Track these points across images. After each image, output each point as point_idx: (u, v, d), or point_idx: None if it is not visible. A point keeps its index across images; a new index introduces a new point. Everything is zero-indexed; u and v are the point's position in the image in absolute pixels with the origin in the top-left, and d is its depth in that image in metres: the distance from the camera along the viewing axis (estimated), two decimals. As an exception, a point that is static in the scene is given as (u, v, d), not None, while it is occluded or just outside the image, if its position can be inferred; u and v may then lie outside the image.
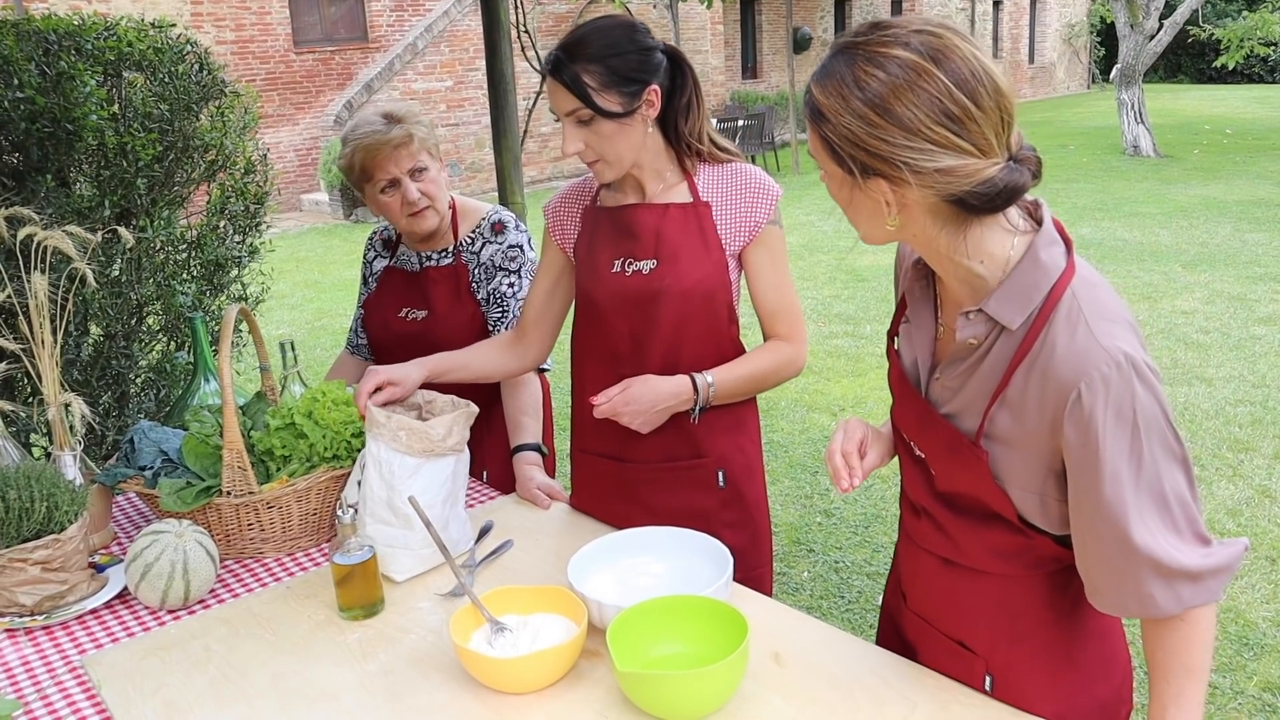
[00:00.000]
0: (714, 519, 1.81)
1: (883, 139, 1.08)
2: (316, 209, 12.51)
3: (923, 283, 1.32)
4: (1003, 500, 1.23)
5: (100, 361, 2.91)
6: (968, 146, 1.08)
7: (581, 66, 1.64)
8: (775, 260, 1.80)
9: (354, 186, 2.15)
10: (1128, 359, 1.09)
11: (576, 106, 1.65)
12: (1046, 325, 1.13)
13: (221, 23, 11.70)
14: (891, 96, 1.07)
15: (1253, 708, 2.73)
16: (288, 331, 7.04)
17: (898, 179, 1.10)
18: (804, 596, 3.41)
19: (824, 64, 1.15)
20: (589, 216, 1.86)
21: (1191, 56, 26.42)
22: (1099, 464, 1.11)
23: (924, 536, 1.38)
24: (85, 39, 2.69)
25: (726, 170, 1.80)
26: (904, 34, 1.09)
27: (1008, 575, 1.30)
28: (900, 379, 1.34)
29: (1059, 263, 1.15)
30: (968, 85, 1.07)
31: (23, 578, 1.58)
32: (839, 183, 1.18)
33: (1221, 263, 7.69)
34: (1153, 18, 13.42)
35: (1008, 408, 1.18)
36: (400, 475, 1.64)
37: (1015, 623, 1.32)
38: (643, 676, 1.26)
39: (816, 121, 1.14)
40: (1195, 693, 1.17)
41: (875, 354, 6.02)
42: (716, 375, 1.76)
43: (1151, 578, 1.13)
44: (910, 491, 1.40)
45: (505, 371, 1.98)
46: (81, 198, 2.73)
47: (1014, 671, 1.33)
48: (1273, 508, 3.89)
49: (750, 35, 18.11)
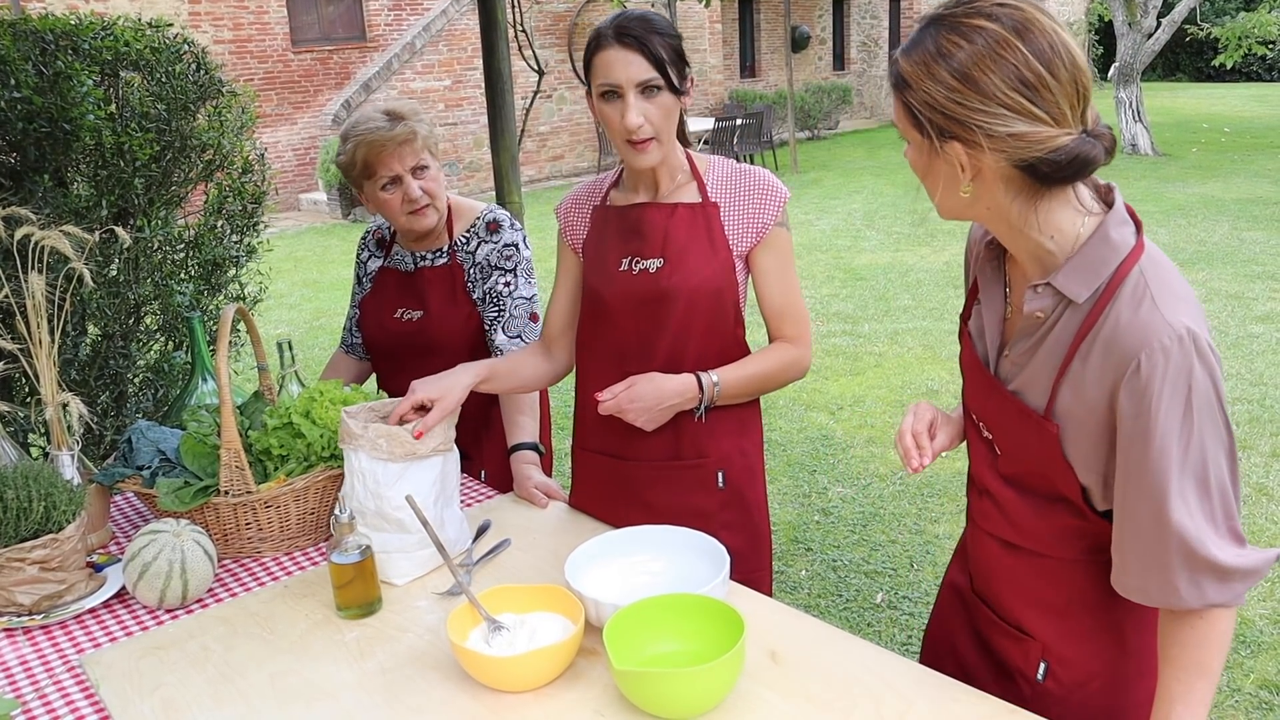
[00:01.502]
0: (713, 519, 1.81)
1: (960, 103, 1.12)
2: (314, 208, 12.50)
3: (994, 263, 1.35)
4: (1069, 477, 1.24)
5: (98, 361, 2.91)
6: (1041, 114, 1.11)
7: (653, 37, 1.66)
8: (782, 262, 1.80)
9: (352, 183, 2.14)
10: (1190, 334, 1.11)
11: (651, 76, 1.66)
12: (1112, 300, 1.16)
13: (219, 22, 11.69)
14: (972, 64, 1.11)
15: (1250, 705, 2.74)
16: (285, 331, 7.04)
17: (973, 143, 1.14)
18: (801, 595, 3.42)
19: (912, 37, 1.20)
20: (598, 215, 1.87)
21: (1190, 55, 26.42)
22: (1149, 436, 1.12)
23: (987, 519, 1.40)
24: (82, 38, 2.69)
25: (736, 171, 1.81)
26: (989, 7, 1.13)
27: (1068, 559, 1.31)
28: (971, 359, 1.37)
29: (1129, 241, 1.18)
30: (1045, 56, 1.11)
31: (21, 577, 1.59)
32: (918, 149, 1.22)
33: (1219, 261, 7.69)
34: (1150, 16, 13.42)
35: (1071, 382, 1.20)
36: (386, 482, 1.63)
37: (1072, 607, 1.33)
38: (639, 674, 1.26)
39: (900, 89, 1.19)
40: (1204, 693, 1.17)
41: (873, 353, 6.03)
42: (722, 375, 1.76)
43: (1179, 564, 1.14)
44: (976, 473, 1.42)
45: (543, 381, 1.98)
46: (79, 197, 2.73)
47: (1069, 658, 1.34)
48: (1270, 505, 3.90)
49: (748, 34, 18.10)
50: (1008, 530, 1.37)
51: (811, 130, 17.17)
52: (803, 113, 16.67)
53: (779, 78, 17.70)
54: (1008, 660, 1.41)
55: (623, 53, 1.66)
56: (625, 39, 1.65)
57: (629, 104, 1.67)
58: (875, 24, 19.92)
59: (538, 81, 5.28)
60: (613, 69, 1.67)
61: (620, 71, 1.66)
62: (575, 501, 1.97)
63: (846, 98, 17.90)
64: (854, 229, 9.68)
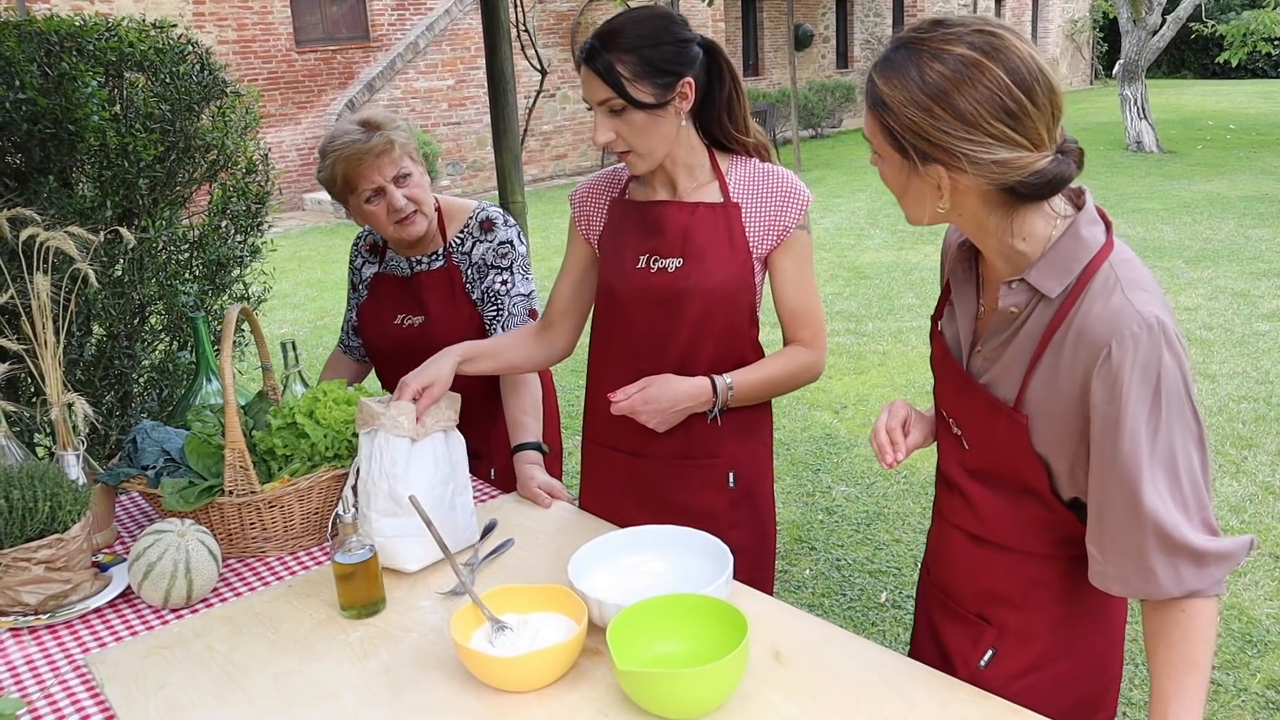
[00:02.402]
0: (721, 519, 1.82)
1: (945, 131, 1.14)
2: (319, 208, 12.52)
3: (966, 264, 1.37)
4: (1036, 468, 1.26)
5: (103, 361, 2.92)
6: (1023, 141, 1.14)
7: (616, 56, 1.63)
8: (801, 266, 1.79)
9: (337, 199, 2.10)
10: (1159, 323, 1.14)
11: (609, 96, 1.64)
12: (1084, 293, 1.19)
13: (223, 22, 11.71)
14: (954, 90, 1.13)
15: (1256, 705, 2.73)
16: (289, 331, 7.05)
17: (956, 167, 1.16)
18: (805, 594, 3.42)
19: (886, 56, 1.20)
20: (616, 209, 1.86)
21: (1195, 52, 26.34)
22: (1121, 421, 1.14)
23: (954, 512, 1.43)
24: (87, 40, 2.70)
25: (759, 172, 1.79)
26: (966, 32, 1.15)
27: (1032, 553, 1.34)
28: (942, 356, 1.39)
29: (1099, 239, 1.22)
30: (1025, 84, 1.12)
31: (27, 577, 1.59)
32: (896, 168, 1.23)
33: (1225, 259, 7.67)
34: (1155, 13, 13.38)
35: (1043, 373, 1.22)
36: (402, 462, 1.64)
37: (1028, 602, 1.35)
38: (643, 675, 1.26)
39: (879, 110, 1.20)
40: (1197, 688, 1.17)
41: (877, 351, 6.02)
42: (736, 378, 1.76)
43: (1155, 549, 1.16)
44: (945, 468, 1.45)
45: (534, 363, 1.97)
46: (83, 198, 2.73)
47: (1013, 649, 1.37)
48: (1276, 504, 3.89)
49: (752, 32, 18.08)
50: (974, 523, 1.39)
51: (815, 128, 17.16)
52: (806, 111, 16.66)
53: (782, 76, 17.68)
54: (948, 643, 1.44)
55: (585, 71, 1.67)
56: (590, 58, 1.65)
57: (597, 122, 1.68)
58: (879, 22, 19.89)
59: (540, 81, 5.29)
60: (583, 87, 1.69)
61: (586, 91, 1.68)
62: (584, 496, 1.98)
63: (850, 96, 17.88)
64: (857, 227, 9.67)
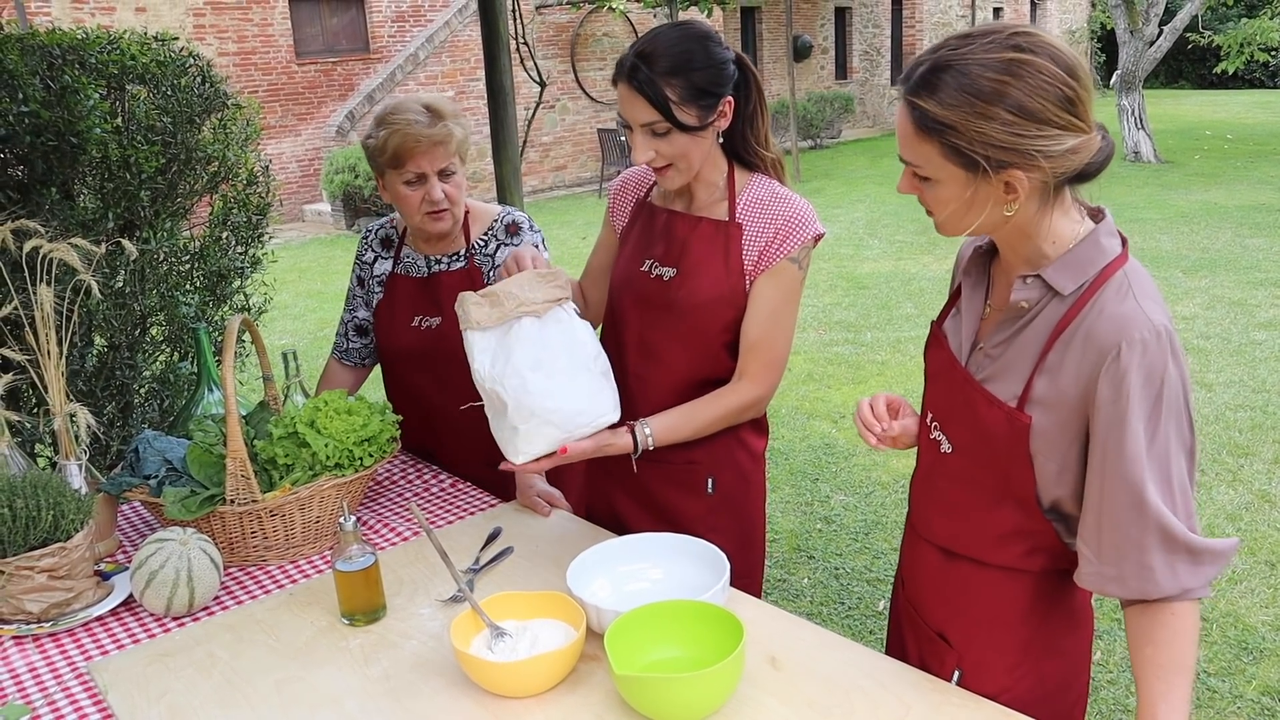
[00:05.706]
0: (700, 523, 1.82)
1: (1017, 133, 1.16)
2: (319, 219, 12.54)
3: (980, 267, 1.39)
4: (1025, 470, 1.27)
5: (105, 372, 2.93)
6: (1081, 124, 1.18)
7: (664, 79, 1.60)
8: (778, 297, 1.75)
9: (375, 168, 2.08)
10: (1167, 332, 1.17)
11: (655, 119, 1.63)
12: (1097, 294, 1.21)
13: (224, 35, 11.75)
14: (1014, 91, 1.15)
15: (1251, 712, 2.74)
16: (290, 341, 7.06)
17: (1032, 165, 1.18)
18: (804, 603, 3.42)
19: (923, 80, 1.20)
20: (638, 209, 1.89)
21: (1192, 62, 26.42)
22: (1126, 420, 1.17)
23: (928, 526, 1.44)
24: (89, 53, 2.72)
25: (773, 196, 1.76)
26: (1001, 37, 1.17)
27: (1002, 567, 1.35)
28: (941, 355, 1.40)
29: (1116, 249, 1.25)
30: (1070, 68, 1.16)
31: (30, 585, 1.60)
32: (960, 184, 1.22)
33: (1222, 268, 7.69)
34: (1152, 24, 13.43)
35: (1049, 371, 1.24)
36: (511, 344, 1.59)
37: (997, 622, 1.37)
38: (640, 680, 1.28)
39: (938, 133, 1.19)
40: (1184, 689, 1.19)
41: (875, 361, 6.04)
42: (658, 424, 1.72)
43: (1157, 547, 1.17)
44: (922, 477, 1.46)
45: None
46: (86, 210, 2.75)
47: (980, 668, 1.38)
48: (1272, 512, 3.90)
49: (751, 44, 18.14)
50: (945, 536, 1.40)
51: (814, 139, 17.20)
52: (805, 122, 16.70)
53: (781, 87, 17.73)
54: (916, 659, 1.46)
55: (627, 90, 1.64)
56: (634, 78, 1.62)
57: (637, 142, 1.67)
58: (878, 33, 19.96)
59: (540, 93, 5.32)
60: (623, 105, 1.67)
61: (628, 110, 1.66)
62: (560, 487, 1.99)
63: (849, 107, 17.93)
64: (856, 237, 9.69)
